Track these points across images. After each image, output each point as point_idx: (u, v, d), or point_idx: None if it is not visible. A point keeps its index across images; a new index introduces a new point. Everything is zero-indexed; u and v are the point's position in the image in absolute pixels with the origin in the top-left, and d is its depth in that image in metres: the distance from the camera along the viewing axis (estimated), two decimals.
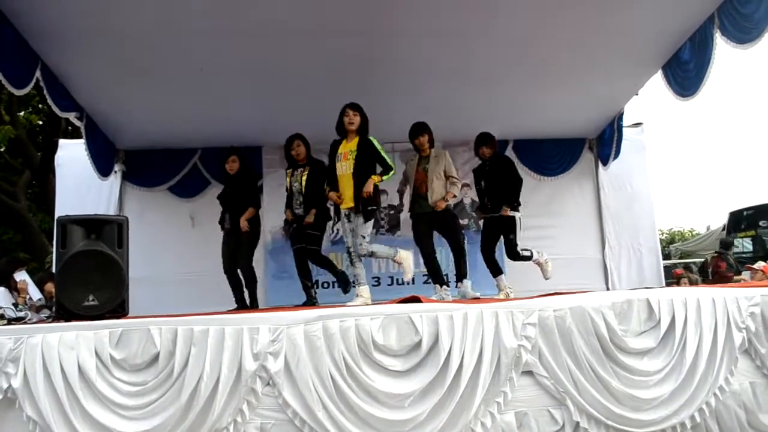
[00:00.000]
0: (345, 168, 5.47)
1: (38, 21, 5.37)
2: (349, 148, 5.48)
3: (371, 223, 5.51)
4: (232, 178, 6.67)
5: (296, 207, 6.24)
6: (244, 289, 6.42)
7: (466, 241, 6.27)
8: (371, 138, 5.50)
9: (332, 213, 6.16)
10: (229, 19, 5.61)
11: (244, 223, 6.34)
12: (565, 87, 7.21)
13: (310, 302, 6.11)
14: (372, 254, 5.56)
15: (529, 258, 6.48)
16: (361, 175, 5.39)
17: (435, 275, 6.07)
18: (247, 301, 6.40)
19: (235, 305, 6.37)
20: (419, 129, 6.16)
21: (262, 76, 6.66)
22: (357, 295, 5.43)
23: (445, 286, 6.00)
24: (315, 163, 6.32)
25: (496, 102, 6.70)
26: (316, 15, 5.61)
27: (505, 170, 6.54)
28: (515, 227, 6.36)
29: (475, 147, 6.70)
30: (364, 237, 5.42)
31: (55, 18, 5.40)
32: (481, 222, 7.16)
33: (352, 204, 5.42)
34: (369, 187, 5.35)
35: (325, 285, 8.25)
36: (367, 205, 5.37)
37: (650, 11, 5.81)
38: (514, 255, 6.44)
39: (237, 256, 6.42)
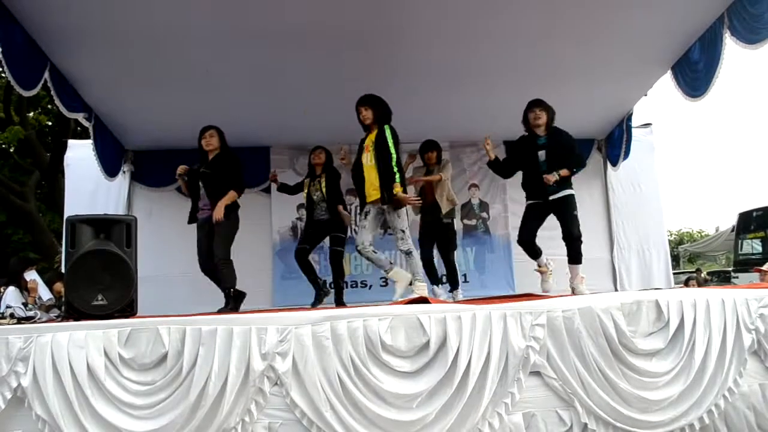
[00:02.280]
0: (367, 159, 5.36)
1: (47, 23, 5.39)
2: (370, 139, 5.40)
3: (404, 213, 5.30)
4: (208, 155, 5.87)
5: (321, 214, 6.47)
6: (224, 289, 5.67)
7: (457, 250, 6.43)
8: (386, 127, 5.33)
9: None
10: (236, 21, 5.61)
11: (220, 211, 5.55)
12: (574, 88, 7.18)
13: (319, 299, 6.31)
14: (410, 253, 5.24)
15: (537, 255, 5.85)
16: (379, 166, 5.23)
17: (430, 276, 6.27)
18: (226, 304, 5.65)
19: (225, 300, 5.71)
20: (429, 145, 6.56)
21: (270, 77, 6.67)
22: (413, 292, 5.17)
23: (442, 286, 6.20)
24: (331, 171, 6.55)
25: (504, 102, 6.68)
26: (323, 16, 5.61)
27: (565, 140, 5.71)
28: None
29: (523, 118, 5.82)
30: (403, 231, 5.22)
31: (63, 20, 5.42)
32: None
33: (376, 196, 5.28)
34: (402, 198, 5.17)
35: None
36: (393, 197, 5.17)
37: (659, 11, 5.78)
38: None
39: (215, 250, 5.65)
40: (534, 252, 5.80)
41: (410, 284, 5.17)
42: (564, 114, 6.11)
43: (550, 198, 5.54)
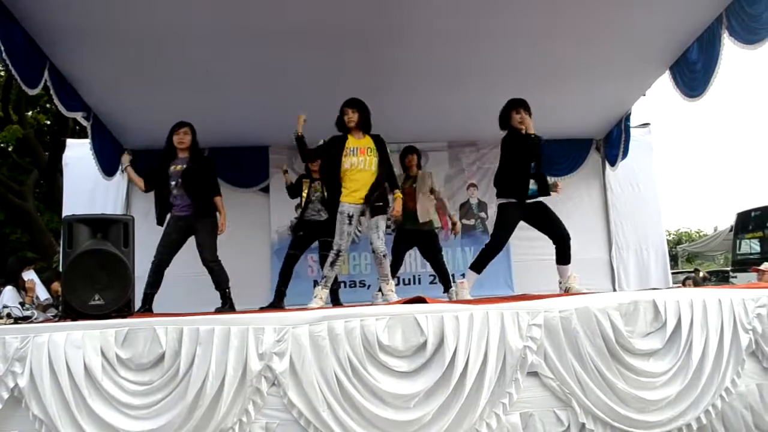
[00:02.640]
0: (364, 163, 5.28)
1: (46, 22, 5.39)
2: (365, 144, 5.34)
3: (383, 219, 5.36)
4: (178, 153, 5.76)
5: (313, 214, 6.53)
6: (220, 289, 5.69)
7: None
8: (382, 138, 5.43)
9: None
10: (235, 20, 5.61)
11: (224, 225, 5.72)
12: (572, 88, 7.19)
13: (278, 305, 6.36)
14: (384, 257, 5.31)
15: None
16: (382, 174, 5.34)
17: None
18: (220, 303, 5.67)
19: (144, 307, 5.41)
20: (409, 150, 6.72)
21: (269, 76, 6.67)
22: (316, 297, 5.17)
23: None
24: None
25: (502, 103, 6.69)
26: (323, 15, 5.61)
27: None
28: None
29: (503, 114, 5.70)
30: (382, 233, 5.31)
31: (63, 19, 5.42)
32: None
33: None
34: (399, 209, 5.45)
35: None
36: (377, 202, 5.24)
37: (658, 11, 5.79)
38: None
39: (203, 253, 5.64)
40: (487, 263, 5.69)
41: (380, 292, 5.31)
42: (563, 114, 6.17)
43: (532, 201, 5.52)
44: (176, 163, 5.72)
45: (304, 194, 6.68)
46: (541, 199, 5.58)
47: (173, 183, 5.67)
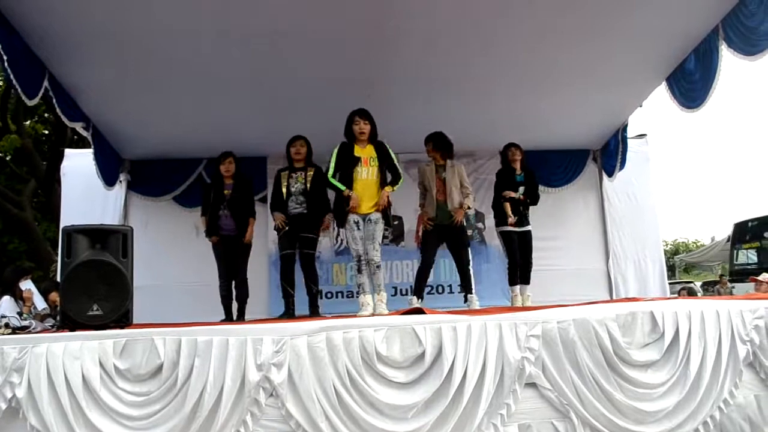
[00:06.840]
0: (366, 173, 5.43)
1: (45, 32, 5.40)
2: (368, 154, 5.47)
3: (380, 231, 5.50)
4: (224, 179, 6.55)
5: (296, 206, 6.02)
6: (234, 302, 6.43)
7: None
8: (386, 144, 5.54)
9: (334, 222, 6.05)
10: (234, 29, 5.64)
11: (251, 235, 6.48)
12: (570, 98, 7.21)
13: (287, 313, 5.91)
14: (378, 268, 5.37)
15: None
16: (384, 182, 5.49)
17: (418, 286, 6.15)
18: (235, 316, 6.34)
19: (224, 317, 6.28)
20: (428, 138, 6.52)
21: (267, 86, 6.68)
22: (362, 306, 5.30)
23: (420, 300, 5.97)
24: (317, 166, 6.15)
25: (500, 113, 6.74)
26: (321, 23, 5.62)
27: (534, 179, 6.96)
28: None
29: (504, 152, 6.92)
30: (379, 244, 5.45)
31: (61, 29, 5.44)
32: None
33: (371, 210, 5.39)
34: (384, 199, 5.40)
35: (329, 295, 8.27)
36: (387, 213, 5.47)
37: (654, 22, 5.80)
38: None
39: (237, 268, 6.45)
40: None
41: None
42: (559, 125, 6.19)
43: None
44: (225, 188, 6.50)
45: (284, 188, 6.11)
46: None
47: (222, 206, 6.44)
